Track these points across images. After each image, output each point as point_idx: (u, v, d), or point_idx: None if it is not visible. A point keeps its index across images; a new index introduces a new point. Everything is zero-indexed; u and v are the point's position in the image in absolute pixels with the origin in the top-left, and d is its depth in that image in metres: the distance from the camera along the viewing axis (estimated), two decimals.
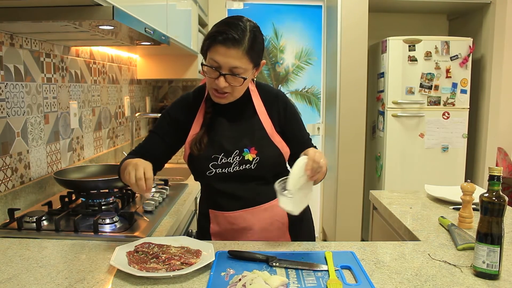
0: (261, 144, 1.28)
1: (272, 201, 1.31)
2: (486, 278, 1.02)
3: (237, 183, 1.29)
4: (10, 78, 1.49)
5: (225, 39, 1.15)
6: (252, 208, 1.30)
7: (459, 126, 3.23)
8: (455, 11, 3.65)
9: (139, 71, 3.00)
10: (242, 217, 1.31)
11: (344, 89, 3.27)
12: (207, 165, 1.28)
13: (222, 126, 1.31)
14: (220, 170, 1.28)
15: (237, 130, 1.30)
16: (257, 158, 1.27)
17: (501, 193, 1.02)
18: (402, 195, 1.83)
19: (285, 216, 1.34)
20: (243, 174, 1.28)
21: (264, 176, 1.30)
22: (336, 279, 1.00)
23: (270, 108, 1.33)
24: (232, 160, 1.27)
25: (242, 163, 1.27)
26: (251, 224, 1.31)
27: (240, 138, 1.29)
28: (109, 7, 1.19)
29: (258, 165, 1.27)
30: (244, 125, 1.31)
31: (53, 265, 1.08)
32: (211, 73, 1.20)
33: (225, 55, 1.16)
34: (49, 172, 1.76)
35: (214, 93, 1.25)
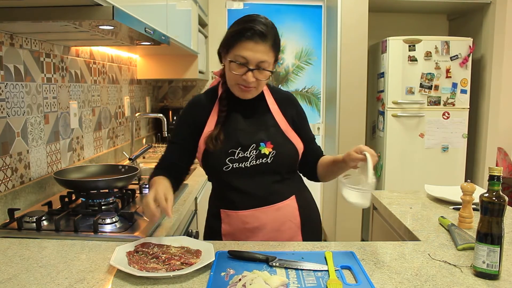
0: (276, 139, 1.31)
1: (285, 201, 1.33)
2: (486, 278, 1.02)
3: (253, 179, 1.30)
4: (10, 78, 1.49)
5: (253, 34, 1.19)
6: (266, 207, 1.30)
7: (459, 126, 3.23)
8: (455, 11, 3.65)
9: (139, 71, 3.00)
10: (255, 216, 1.30)
11: (344, 89, 3.27)
12: (224, 159, 1.28)
13: (238, 121, 1.33)
14: (237, 164, 1.28)
15: (253, 125, 1.33)
16: (273, 152, 1.29)
17: (501, 193, 1.02)
18: (402, 195, 1.83)
19: (297, 217, 1.34)
20: (259, 169, 1.29)
21: (280, 172, 1.32)
22: (336, 279, 1.00)
23: (284, 107, 1.38)
24: (249, 154, 1.29)
25: (259, 157, 1.29)
26: (264, 224, 1.31)
27: (256, 132, 1.31)
28: (109, 7, 1.19)
29: (274, 159, 1.29)
30: (258, 121, 1.34)
31: (53, 265, 1.08)
32: (237, 69, 1.23)
33: (254, 50, 1.20)
34: (49, 172, 1.76)
35: (240, 88, 1.27)
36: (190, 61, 3.00)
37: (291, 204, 1.34)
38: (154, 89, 3.53)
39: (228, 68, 1.26)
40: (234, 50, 1.22)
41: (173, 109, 3.40)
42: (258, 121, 1.34)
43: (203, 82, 3.65)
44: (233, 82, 1.28)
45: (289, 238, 1.34)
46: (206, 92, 1.42)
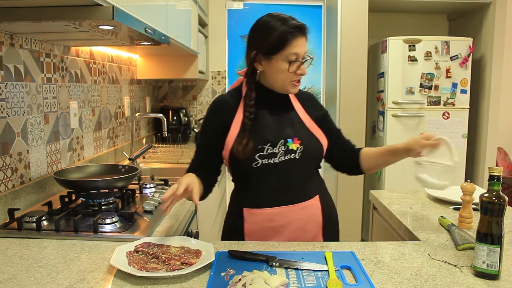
0: (302, 135, 1.35)
1: (310, 200, 1.35)
2: (486, 278, 1.02)
3: (281, 176, 1.31)
4: (10, 78, 1.49)
5: (299, 31, 1.28)
6: (292, 205, 1.32)
7: (459, 126, 3.23)
8: (455, 11, 3.65)
9: (139, 71, 3.00)
10: (281, 214, 1.31)
11: (344, 89, 3.27)
12: (254, 156, 1.30)
13: (266, 118, 1.36)
14: (266, 160, 1.30)
15: (279, 122, 1.36)
16: (301, 147, 1.32)
17: (501, 193, 1.02)
18: (402, 195, 1.83)
19: (320, 217, 1.37)
20: (288, 165, 1.31)
21: (307, 168, 1.36)
22: (336, 279, 1.00)
23: (306, 105, 1.42)
24: (278, 150, 1.31)
25: (287, 153, 1.31)
26: (289, 222, 1.32)
27: (283, 129, 1.35)
28: (109, 7, 1.19)
29: (302, 155, 1.32)
30: (284, 118, 1.38)
31: (53, 265, 1.08)
32: (291, 66, 1.29)
33: (302, 45, 1.29)
34: (49, 172, 1.76)
35: (293, 84, 1.34)
36: (190, 61, 3.00)
37: (315, 204, 1.36)
38: (154, 89, 3.53)
39: (281, 69, 1.30)
40: (285, 51, 1.28)
41: (173, 109, 3.40)
42: (284, 118, 1.37)
43: (203, 82, 3.65)
44: (287, 81, 1.32)
45: (312, 238, 1.35)
46: (230, 92, 1.45)
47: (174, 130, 3.30)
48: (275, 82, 1.35)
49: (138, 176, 1.95)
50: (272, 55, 1.29)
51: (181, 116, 3.39)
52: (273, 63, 1.30)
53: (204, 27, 3.45)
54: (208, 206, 2.47)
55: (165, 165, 2.63)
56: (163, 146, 3.11)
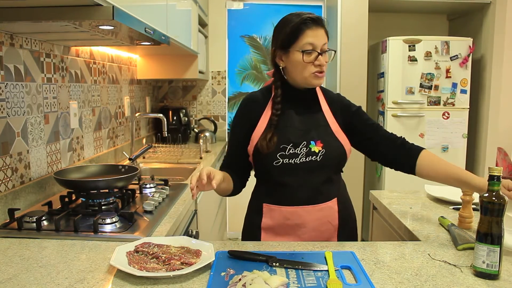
0: (326, 138, 1.35)
1: (328, 202, 1.36)
2: (486, 278, 1.02)
3: (302, 176, 1.33)
4: (10, 78, 1.49)
5: (312, 21, 1.29)
6: (310, 206, 1.34)
7: (459, 126, 3.23)
8: (455, 11, 3.65)
9: (139, 71, 3.00)
10: (298, 213, 1.33)
11: (344, 89, 3.27)
12: (275, 154, 1.32)
13: (291, 118, 1.37)
14: (287, 160, 1.32)
15: (305, 123, 1.37)
16: (323, 150, 1.33)
17: (501, 193, 1.02)
18: (402, 195, 1.83)
19: (336, 219, 1.38)
20: (308, 166, 1.32)
21: (327, 171, 1.36)
22: (336, 279, 1.00)
23: (334, 108, 1.42)
24: (299, 151, 1.32)
25: (308, 155, 1.32)
26: (305, 222, 1.34)
27: (307, 130, 1.35)
28: (109, 7, 1.19)
29: (323, 157, 1.32)
30: (310, 119, 1.38)
31: (53, 265, 1.08)
32: (307, 57, 1.29)
33: (317, 35, 1.29)
34: (49, 172, 1.76)
35: (315, 75, 1.31)
36: (190, 61, 3.00)
37: (333, 206, 1.37)
38: (154, 89, 3.53)
39: (298, 61, 1.30)
40: (299, 41, 1.29)
41: (173, 109, 3.40)
42: (310, 120, 1.38)
43: (203, 82, 3.65)
44: (307, 74, 1.31)
45: (326, 239, 1.37)
46: (261, 89, 1.46)
47: (174, 130, 3.30)
48: (295, 76, 1.34)
49: (138, 176, 1.95)
50: (288, 48, 1.31)
51: (181, 116, 3.39)
52: (290, 56, 1.31)
53: (204, 27, 3.45)
54: (208, 206, 2.47)
55: (165, 165, 2.63)
56: (163, 146, 3.11)
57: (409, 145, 1.41)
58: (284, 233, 1.35)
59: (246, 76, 3.76)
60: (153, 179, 2.00)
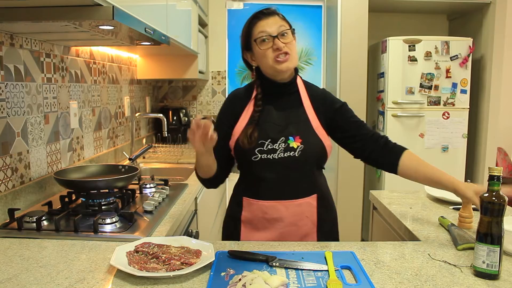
0: (305, 134, 1.35)
1: (307, 198, 1.36)
2: (486, 278, 1.02)
3: (280, 171, 1.34)
4: (10, 78, 1.49)
5: (262, 14, 1.35)
6: (287, 201, 1.35)
7: (459, 126, 3.23)
8: (455, 11, 3.65)
9: (139, 71, 3.00)
10: (275, 208, 1.35)
11: (344, 89, 3.27)
12: (254, 150, 1.33)
13: (270, 114, 1.38)
14: (265, 155, 1.33)
15: (284, 119, 1.38)
16: (301, 146, 1.33)
17: (501, 193, 1.02)
18: (402, 195, 1.83)
19: (314, 215, 1.38)
20: (287, 162, 1.33)
21: (306, 167, 1.36)
22: (336, 279, 1.00)
23: (317, 104, 1.41)
24: (277, 146, 1.33)
25: (287, 150, 1.33)
26: (283, 217, 1.35)
27: (286, 126, 1.36)
28: (109, 7, 1.19)
29: (302, 153, 1.33)
30: (290, 115, 1.39)
31: (53, 265, 1.08)
32: (266, 45, 1.32)
33: (268, 24, 1.33)
34: (49, 172, 1.76)
35: (278, 61, 1.32)
36: (190, 61, 3.00)
37: (312, 202, 1.37)
38: (154, 89, 3.53)
39: (258, 52, 1.34)
40: (253, 35, 1.34)
41: (173, 109, 3.40)
42: (290, 115, 1.38)
43: (203, 82, 3.65)
44: (270, 61, 1.32)
45: (305, 234, 1.38)
46: (246, 86, 1.48)
47: (174, 130, 3.30)
48: (265, 69, 1.37)
49: (138, 176, 1.95)
50: (250, 45, 1.36)
51: (181, 116, 3.39)
52: (254, 52, 1.36)
53: (204, 27, 3.45)
54: (208, 206, 2.47)
55: (165, 165, 2.63)
56: (163, 146, 3.11)
57: (392, 144, 1.44)
58: (262, 227, 1.37)
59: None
60: (153, 179, 2.00)
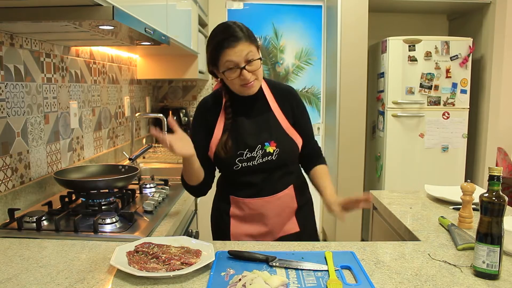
0: (279, 138, 1.42)
1: (285, 190, 1.46)
2: (486, 278, 1.02)
3: (260, 174, 1.43)
4: (10, 78, 1.49)
5: (229, 41, 1.29)
6: (269, 196, 1.44)
7: (459, 126, 3.23)
8: (455, 11, 3.65)
9: (139, 71, 3.00)
10: (260, 204, 1.44)
11: (344, 89, 3.27)
12: (234, 160, 1.40)
13: (243, 124, 1.43)
14: (245, 164, 1.41)
15: (256, 126, 1.43)
16: (277, 149, 1.41)
17: (501, 193, 1.02)
18: (402, 195, 1.83)
19: (294, 203, 1.48)
20: (266, 166, 1.41)
21: (284, 166, 1.45)
22: (336, 279, 1.00)
23: (283, 103, 1.47)
24: (255, 154, 1.41)
25: (264, 156, 1.41)
26: (267, 210, 1.44)
27: (260, 133, 1.42)
28: (109, 7, 1.19)
29: (278, 156, 1.41)
30: (261, 121, 1.44)
31: (53, 265, 1.08)
32: (233, 74, 1.32)
33: (236, 52, 1.29)
34: (49, 172, 1.76)
35: (243, 88, 1.36)
36: (190, 61, 3.00)
37: (290, 193, 1.47)
38: (154, 89, 3.53)
39: (226, 78, 1.35)
40: (221, 61, 1.32)
41: (173, 109, 3.40)
42: (261, 121, 1.44)
43: (203, 82, 3.65)
44: (237, 87, 1.36)
45: (286, 220, 1.48)
46: (212, 94, 1.51)
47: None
48: (233, 90, 1.40)
49: (138, 176, 1.95)
50: (217, 68, 1.36)
51: (181, 116, 3.39)
52: (221, 75, 1.37)
53: (204, 27, 3.45)
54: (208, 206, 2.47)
55: (165, 165, 2.63)
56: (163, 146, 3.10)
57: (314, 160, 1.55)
58: (251, 220, 1.46)
59: None
60: (153, 179, 2.00)
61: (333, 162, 3.41)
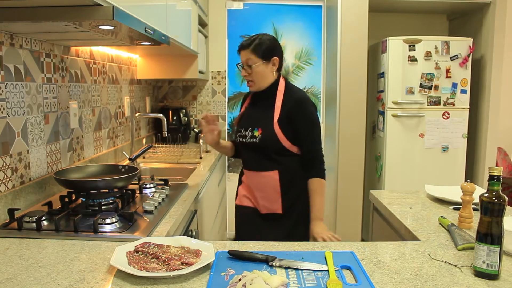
0: (266, 127, 1.76)
1: (268, 172, 1.77)
2: (486, 278, 1.02)
3: (249, 151, 1.83)
4: (10, 78, 1.49)
5: (238, 48, 1.79)
6: (255, 172, 1.82)
7: (459, 126, 3.23)
8: (455, 11, 3.65)
9: (139, 71, 3.00)
10: (250, 176, 1.84)
11: (344, 89, 3.27)
12: (236, 134, 1.87)
13: (250, 111, 1.89)
14: (240, 139, 1.84)
15: (256, 115, 1.83)
16: (260, 136, 1.76)
17: (501, 193, 1.02)
18: (402, 195, 1.83)
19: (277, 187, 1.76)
20: (251, 145, 1.79)
21: (265, 151, 1.77)
22: (336, 279, 1.00)
23: (287, 105, 1.76)
24: (247, 133, 1.81)
25: (252, 137, 1.78)
26: (255, 184, 1.82)
27: (256, 120, 1.81)
28: (109, 7, 1.19)
29: (260, 141, 1.76)
30: (261, 113, 1.81)
31: (53, 265, 1.08)
32: (241, 69, 1.81)
33: (241, 56, 1.79)
34: (49, 172, 1.76)
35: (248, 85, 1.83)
36: (190, 61, 3.00)
37: (274, 176, 1.76)
38: (154, 89, 3.53)
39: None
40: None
41: (173, 109, 3.40)
42: (261, 113, 1.80)
43: (203, 82, 3.65)
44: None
45: (271, 200, 1.78)
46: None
47: (174, 130, 3.30)
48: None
49: (138, 176, 1.95)
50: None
51: (181, 116, 3.39)
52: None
53: (204, 27, 3.45)
54: (208, 206, 2.47)
55: (165, 165, 2.63)
56: (163, 146, 3.10)
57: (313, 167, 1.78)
58: (247, 187, 1.87)
59: None
60: (153, 179, 2.00)
61: (333, 162, 3.41)
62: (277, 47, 1.78)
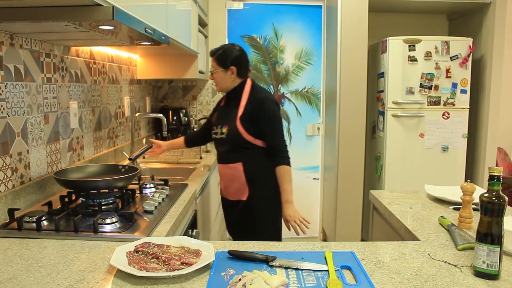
0: (231, 125, 2.00)
1: (234, 164, 2.02)
2: (486, 278, 1.02)
3: (220, 146, 2.08)
4: (10, 78, 1.49)
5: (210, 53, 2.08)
6: (223, 164, 2.08)
7: (459, 126, 3.23)
8: (455, 11, 3.65)
9: (139, 71, 3.00)
10: (222, 168, 2.11)
11: (344, 89, 3.27)
12: (211, 131, 2.14)
13: (221, 109, 2.14)
14: (214, 135, 2.10)
15: (225, 114, 2.08)
16: (227, 132, 2.01)
17: (501, 193, 1.02)
18: (402, 195, 1.83)
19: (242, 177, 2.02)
20: (221, 140, 2.05)
21: (231, 145, 2.02)
22: (336, 279, 1.00)
23: (249, 105, 1.99)
24: (218, 130, 2.06)
25: (221, 134, 2.04)
26: (223, 175, 2.11)
27: (224, 118, 2.06)
28: (109, 7, 1.19)
29: (226, 136, 2.01)
30: (229, 111, 2.06)
31: (53, 265, 1.08)
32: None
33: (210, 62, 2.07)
34: (49, 172, 1.76)
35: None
36: (190, 61, 3.00)
37: (238, 167, 2.01)
38: (154, 89, 3.53)
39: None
40: None
41: (173, 109, 3.40)
42: (229, 111, 2.05)
43: (203, 82, 3.65)
44: None
45: (239, 189, 2.03)
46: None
47: (174, 130, 3.30)
48: None
49: (138, 176, 1.95)
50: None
51: (181, 116, 3.39)
52: None
53: (204, 27, 3.45)
54: (208, 206, 2.47)
55: (165, 165, 2.63)
56: None
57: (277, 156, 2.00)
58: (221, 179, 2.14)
59: None
60: (153, 179, 2.00)
61: (333, 162, 3.41)
62: (238, 58, 2.01)
